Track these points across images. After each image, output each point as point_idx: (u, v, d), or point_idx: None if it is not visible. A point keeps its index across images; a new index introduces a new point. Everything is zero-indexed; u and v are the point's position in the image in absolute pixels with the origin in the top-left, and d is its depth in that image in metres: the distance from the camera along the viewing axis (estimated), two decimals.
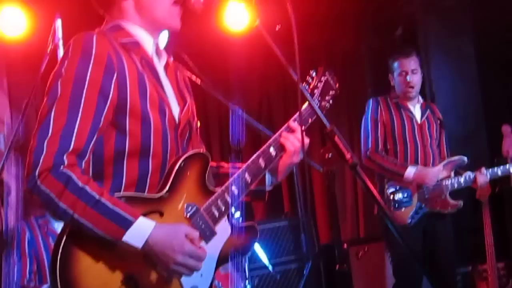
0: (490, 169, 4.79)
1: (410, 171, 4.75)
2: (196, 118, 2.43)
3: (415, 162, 4.87)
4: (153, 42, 2.27)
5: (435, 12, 6.54)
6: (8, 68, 5.62)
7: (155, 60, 2.27)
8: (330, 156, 2.21)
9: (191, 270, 2.04)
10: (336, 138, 2.13)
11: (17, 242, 4.03)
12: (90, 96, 2.00)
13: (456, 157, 4.86)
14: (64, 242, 1.94)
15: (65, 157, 1.93)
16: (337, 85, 2.67)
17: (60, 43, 3.94)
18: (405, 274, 4.80)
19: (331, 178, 2.38)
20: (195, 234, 2.07)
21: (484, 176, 4.72)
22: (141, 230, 1.95)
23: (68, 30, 3.91)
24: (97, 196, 1.93)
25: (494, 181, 5.60)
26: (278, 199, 6.44)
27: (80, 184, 1.92)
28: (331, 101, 2.63)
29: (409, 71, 4.84)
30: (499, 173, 4.80)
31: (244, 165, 2.35)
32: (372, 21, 6.80)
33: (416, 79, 4.88)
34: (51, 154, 1.92)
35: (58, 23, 3.97)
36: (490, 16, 6.41)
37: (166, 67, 2.32)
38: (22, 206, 4.59)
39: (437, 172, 4.76)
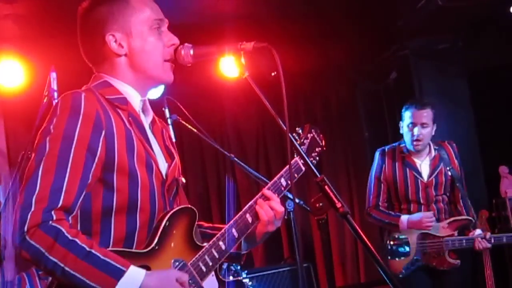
0: (495, 236, 4.74)
1: (403, 220, 4.74)
2: (182, 175, 2.44)
3: None
4: (140, 99, 2.28)
5: (428, 55, 6.58)
6: (6, 118, 5.63)
7: (142, 117, 2.28)
8: (321, 205, 2.19)
9: None
10: (327, 188, 2.13)
11: None
12: (78, 153, 2.00)
13: (462, 217, 4.79)
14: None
15: (53, 212, 1.92)
16: (323, 142, 2.69)
17: (55, 94, 3.97)
18: None
19: (323, 226, 2.36)
20: (185, 277, 2.07)
21: (485, 242, 4.64)
22: (133, 279, 1.94)
23: (63, 82, 3.94)
24: (87, 248, 1.91)
25: (493, 223, 5.61)
26: (278, 246, 6.37)
27: (70, 237, 1.90)
28: (317, 158, 2.64)
29: (419, 124, 4.76)
30: (504, 240, 4.74)
31: (231, 221, 2.35)
32: (367, 66, 6.82)
33: (425, 132, 4.77)
34: (39, 210, 1.90)
35: (53, 75, 3.98)
36: (483, 58, 6.47)
37: (152, 124, 2.33)
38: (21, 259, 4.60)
39: (429, 214, 4.71)
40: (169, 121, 4.00)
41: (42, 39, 5.15)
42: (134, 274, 1.95)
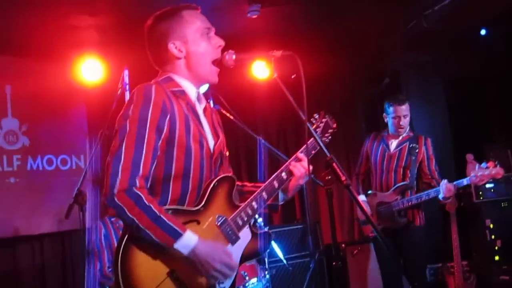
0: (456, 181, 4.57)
1: (362, 198, 4.81)
2: (226, 149, 2.43)
3: (379, 186, 4.80)
4: (195, 91, 2.29)
5: (413, 66, 6.57)
6: (88, 104, 5.70)
7: (197, 104, 2.29)
8: (329, 178, 2.23)
9: (225, 276, 2.06)
10: (334, 164, 2.13)
11: (96, 237, 4.06)
12: (151, 132, 2.04)
13: (401, 183, 4.66)
14: (125, 243, 1.97)
15: (137, 180, 1.97)
16: (335, 125, 2.67)
17: (127, 87, 4.03)
18: (387, 270, 4.74)
19: (329, 195, 2.39)
20: (230, 252, 2.09)
21: (450, 185, 4.47)
22: (188, 241, 1.98)
23: (133, 78, 4.00)
24: (158, 213, 1.95)
25: (460, 198, 5.59)
26: (292, 209, 6.44)
27: (146, 203, 1.95)
28: (329, 137, 2.64)
29: (402, 116, 4.75)
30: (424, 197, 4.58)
31: (262, 186, 2.34)
32: (365, 73, 6.80)
33: (406, 121, 4.78)
34: (125, 177, 1.95)
35: (126, 73, 4.06)
36: (456, 70, 6.46)
37: (205, 110, 2.34)
38: (97, 210, 4.65)
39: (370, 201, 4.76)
40: None
41: (117, 44, 5.19)
42: (189, 237, 1.98)
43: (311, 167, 2.37)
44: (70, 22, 4.92)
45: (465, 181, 4.47)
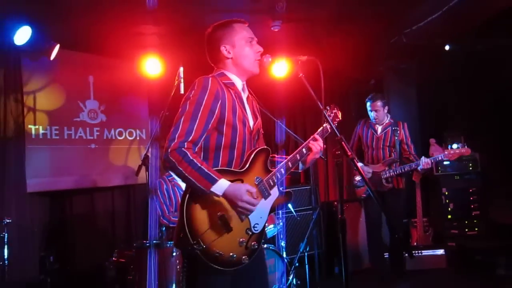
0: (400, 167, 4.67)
1: (359, 165, 4.68)
2: (261, 128, 2.43)
3: (372, 160, 4.79)
4: (241, 84, 2.30)
5: (394, 71, 6.50)
6: (149, 92, 5.76)
7: (242, 93, 2.29)
8: (338, 153, 2.32)
9: (247, 210, 2.03)
10: (343, 143, 2.17)
11: (159, 190, 4.17)
12: (204, 112, 2.06)
13: (389, 158, 4.70)
14: (188, 195, 2.01)
15: (185, 143, 2.00)
16: (340, 115, 2.69)
17: (182, 80, 4.03)
18: (372, 222, 4.80)
19: (339, 166, 2.47)
20: (253, 189, 2.06)
21: (429, 159, 4.53)
22: (221, 186, 1.98)
23: (186, 73, 4.05)
24: (199, 165, 1.98)
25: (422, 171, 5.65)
26: (297, 175, 6.37)
27: (191, 158, 1.98)
28: (336, 124, 2.59)
29: (374, 110, 4.79)
30: (406, 168, 4.63)
31: (288, 158, 2.33)
32: (356, 75, 6.73)
33: (376, 114, 4.76)
34: (178, 141, 1.99)
35: (181, 69, 4.04)
36: (427, 75, 6.40)
37: (247, 98, 2.34)
38: (159, 170, 4.78)
39: (366, 169, 4.70)
40: None
41: (173, 46, 5.23)
42: (223, 183, 1.99)
43: (324, 146, 2.41)
44: (138, 29, 4.97)
45: (439, 157, 4.51)
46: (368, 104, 4.86)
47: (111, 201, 5.60)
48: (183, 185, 4.36)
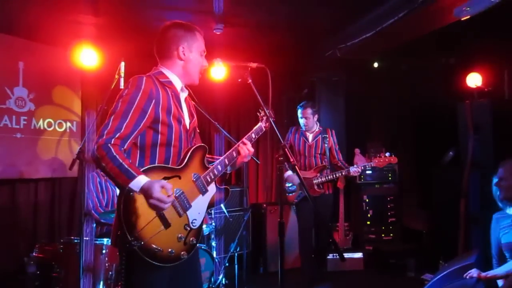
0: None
1: (289, 173, 4.71)
2: (197, 127, 2.44)
3: (303, 167, 4.79)
4: (181, 84, 2.28)
5: (325, 82, 6.65)
6: (83, 84, 5.53)
7: (181, 94, 2.27)
8: (281, 158, 2.37)
9: (157, 208, 1.95)
10: (286, 149, 2.21)
11: (92, 183, 4.06)
12: (135, 112, 2.04)
13: (320, 165, 4.75)
14: (125, 193, 1.97)
15: (112, 140, 1.96)
16: (273, 115, 2.60)
17: (122, 75, 3.94)
18: (304, 225, 4.78)
19: (280, 170, 2.51)
20: (168, 185, 1.96)
21: (359, 167, 4.60)
22: (139, 182, 1.93)
23: (127, 67, 3.94)
24: (121, 161, 1.94)
25: (346, 178, 5.92)
26: (229, 177, 6.36)
27: (114, 153, 1.94)
28: (268, 125, 2.59)
29: (304, 117, 4.83)
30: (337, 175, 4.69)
31: (225, 155, 2.35)
32: (291, 84, 6.85)
33: (306, 121, 4.80)
34: (106, 137, 1.95)
35: (122, 64, 3.88)
36: (354, 88, 6.64)
37: (185, 98, 2.32)
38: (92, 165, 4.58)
39: (293, 176, 4.72)
40: None
41: (112, 39, 5.07)
42: (141, 179, 1.94)
43: (252, 150, 2.43)
44: (76, 18, 4.74)
45: (369, 164, 4.66)
46: (299, 111, 4.91)
47: (34, 194, 5.26)
48: None
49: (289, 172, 4.69)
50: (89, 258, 3.42)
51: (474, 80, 5.21)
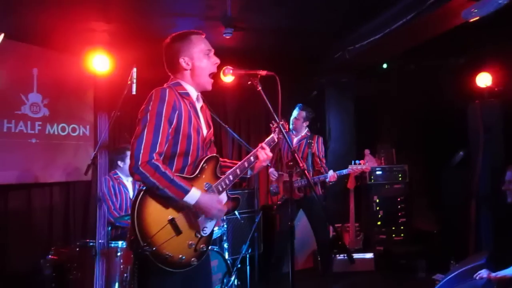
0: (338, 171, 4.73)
1: (273, 172, 4.82)
2: (213, 137, 2.44)
3: (286, 169, 4.78)
4: (196, 94, 2.31)
5: (334, 84, 6.64)
6: (95, 89, 5.59)
7: (196, 103, 2.30)
8: (291, 163, 2.39)
9: (219, 217, 2.18)
10: (296, 155, 2.25)
11: (106, 186, 4.11)
12: (165, 123, 2.09)
13: (299, 169, 4.73)
14: (140, 198, 2.03)
15: (154, 155, 2.03)
16: (286, 127, 2.66)
17: (134, 81, 3.95)
18: (283, 227, 4.82)
19: (291, 174, 2.54)
20: (222, 201, 2.20)
21: (335, 173, 4.62)
22: (194, 195, 2.06)
23: (139, 73, 3.99)
24: (171, 177, 2.03)
25: (357, 179, 5.93)
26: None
27: (163, 170, 2.02)
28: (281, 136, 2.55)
29: (296, 117, 4.83)
30: (321, 178, 4.67)
31: (237, 165, 2.35)
32: (301, 86, 6.83)
33: (296, 122, 4.81)
34: (146, 153, 2.01)
35: (134, 69, 3.95)
36: (363, 90, 6.66)
37: (201, 108, 2.35)
38: (105, 168, 4.62)
39: (274, 172, 4.80)
40: None
41: (124, 45, 5.14)
42: (194, 192, 2.07)
43: (270, 155, 2.44)
44: (88, 25, 4.83)
45: (344, 171, 4.69)
46: (296, 109, 4.92)
47: (50, 197, 5.36)
48: (127, 183, 4.34)
49: (271, 169, 4.77)
50: (104, 261, 3.47)
51: (484, 80, 5.21)
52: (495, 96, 5.04)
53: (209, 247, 2.28)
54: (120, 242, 3.58)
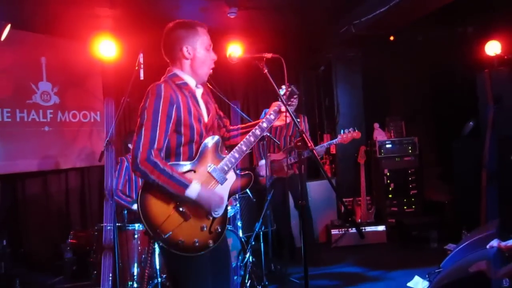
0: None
1: (261, 162, 4.76)
2: (217, 112, 2.44)
3: (274, 149, 4.84)
4: (195, 82, 2.29)
5: (342, 59, 6.59)
6: (103, 75, 5.63)
7: (196, 91, 2.29)
8: (300, 143, 2.40)
9: (220, 208, 2.19)
10: (304, 135, 2.20)
11: (120, 167, 4.16)
12: (162, 119, 2.09)
13: (289, 147, 4.74)
14: (142, 191, 2.08)
15: (152, 152, 2.04)
16: (298, 91, 2.62)
17: (141, 67, 3.86)
18: (275, 206, 4.88)
19: (300, 155, 2.54)
20: (222, 194, 2.18)
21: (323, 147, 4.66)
22: (193, 190, 2.07)
23: (146, 58, 4.00)
24: (171, 172, 2.04)
25: (367, 153, 5.96)
26: (251, 161, 6.47)
27: (161, 166, 2.03)
28: (296, 100, 2.62)
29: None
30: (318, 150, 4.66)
31: (241, 141, 2.31)
32: (306, 62, 6.85)
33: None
34: (144, 151, 2.02)
35: (141, 55, 3.88)
36: (371, 63, 6.58)
37: (202, 94, 2.32)
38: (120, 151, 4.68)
39: (262, 167, 4.71)
40: None
41: (127, 29, 5.12)
42: (194, 187, 2.08)
43: (288, 119, 2.39)
44: (93, 11, 4.83)
45: (333, 142, 4.66)
46: (282, 90, 4.89)
47: (65, 183, 5.50)
48: None
49: (262, 162, 4.75)
50: (121, 243, 3.56)
51: (493, 48, 5.13)
52: (504, 64, 4.97)
53: (225, 228, 2.27)
54: (136, 225, 3.65)
